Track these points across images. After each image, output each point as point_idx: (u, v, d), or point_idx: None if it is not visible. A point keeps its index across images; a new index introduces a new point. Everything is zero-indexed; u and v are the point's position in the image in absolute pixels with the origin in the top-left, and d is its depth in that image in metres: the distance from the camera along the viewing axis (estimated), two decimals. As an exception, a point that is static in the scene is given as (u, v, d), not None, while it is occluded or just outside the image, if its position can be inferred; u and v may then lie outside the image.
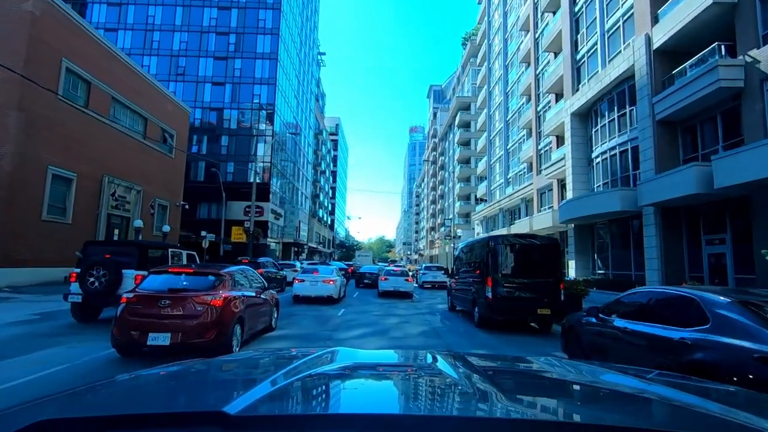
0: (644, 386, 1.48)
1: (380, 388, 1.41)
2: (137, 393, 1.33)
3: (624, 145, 17.99)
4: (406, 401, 1.28)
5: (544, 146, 28.52)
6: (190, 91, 43.61)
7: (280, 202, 48.08)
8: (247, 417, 0.90)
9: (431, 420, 0.98)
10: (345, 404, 1.21)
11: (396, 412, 1.11)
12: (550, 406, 1.31)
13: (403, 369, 1.73)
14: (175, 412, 1.00)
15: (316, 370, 1.48)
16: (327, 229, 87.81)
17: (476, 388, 1.27)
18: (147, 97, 24.31)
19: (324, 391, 1.34)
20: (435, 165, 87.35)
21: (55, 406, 1.11)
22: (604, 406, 1.33)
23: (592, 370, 1.76)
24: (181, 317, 6.78)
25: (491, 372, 1.63)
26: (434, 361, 1.76)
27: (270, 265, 21.64)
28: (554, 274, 10.55)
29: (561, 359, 2.06)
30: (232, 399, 1.02)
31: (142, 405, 1.16)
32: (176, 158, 27.75)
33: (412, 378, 1.56)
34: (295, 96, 54.09)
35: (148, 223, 24.02)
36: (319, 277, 17.52)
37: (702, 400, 1.31)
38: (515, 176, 36.73)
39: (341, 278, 18.89)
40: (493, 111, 44.42)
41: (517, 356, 2.15)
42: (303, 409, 1.16)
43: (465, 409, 1.16)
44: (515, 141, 36.65)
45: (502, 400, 1.18)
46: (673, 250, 14.82)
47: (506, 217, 38.22)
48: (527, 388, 1.54)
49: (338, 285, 17.50)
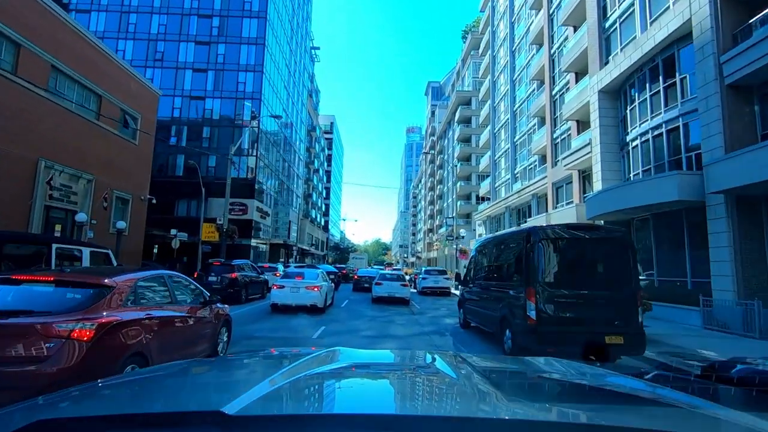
0: (643, 387, 1.54)
1: (379, 388, 1.42)
2: (136, 393, 1.32)
3: (672, 123, 14.66)
4: (405, 401, 1.28)
5: (560, 134, 25.21)
6: (168, 79, 40.09)
7: (267, 199, 44.54)
8: (245, 417, 0.89)
9: (430, 420, 0.98)
10: (344, 404, 1.22)
11: (395, 412, 1.11)
12: (549, 407, 1.29)
13: (402, 369, 1.74)
14: (173, 411, 1.01)
15: (315, 370, 1.50)
16: (320, 230, 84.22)
17: (475, 389, 1.31)
18: (102, 71, 20.80)
19: (323, 391, 1.34)
20: (433, 164, 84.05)
21: (53, 406, 1.11)
22: (604, 406, 1.32)
23: (591, 370, 1.80)
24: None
25: (490, 372, 1.68)
26: (433, 361, 1.79)
27: (248, 268, 18.16)
28: (627, 284, 7.13)
29: (560, 360, 2.03)
30: (230, 399, 0.99)
31: (141, 405, 1.17)
32: (141, 145, 24.20)
33: (410, 378, 1.57)
34: (286, 87, 50.66)
35: (102, 218, 20.45)
36: (302, 282, 15.09)
37: (702, 401, 1.30)
38: (524, 171, 33.42)
39: (328, 284, 16.78)
40: (497, 102, 41.17)
41: (515, 357, 2.32)
42: (302, 409, 1.15)
43: (464, 410, 1.17)
44: (524, 132, 33.37)
45: (501, 400, 1.21)
46: (752, 251, 11.44)
47: (513, 216, 34.88)
48: (526, 388, 1.56)
49: (324, 292, 15.28)
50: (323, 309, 14.97)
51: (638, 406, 1.27)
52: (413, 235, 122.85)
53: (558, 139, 25.52)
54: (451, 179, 67.22)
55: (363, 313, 15.40)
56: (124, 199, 22.98)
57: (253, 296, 17.98)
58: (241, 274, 16.72)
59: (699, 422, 1.10)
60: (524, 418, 1.06)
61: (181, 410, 1.02)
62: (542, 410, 1.22)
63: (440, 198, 76.76)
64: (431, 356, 1.87)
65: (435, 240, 73.30)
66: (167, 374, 1.51)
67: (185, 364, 1.72)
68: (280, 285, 15.19)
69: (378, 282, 19.18)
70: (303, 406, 1.19)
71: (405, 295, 18.58)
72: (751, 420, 1.07)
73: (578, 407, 1.29)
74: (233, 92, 40.17)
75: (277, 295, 14.49)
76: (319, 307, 14.53)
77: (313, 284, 15.12)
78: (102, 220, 20.41)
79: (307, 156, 71.27)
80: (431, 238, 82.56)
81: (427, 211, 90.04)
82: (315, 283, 15.27)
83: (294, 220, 59.13)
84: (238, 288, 16.31)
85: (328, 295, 16.64)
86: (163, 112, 38.80)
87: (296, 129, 58.84)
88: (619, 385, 1.53)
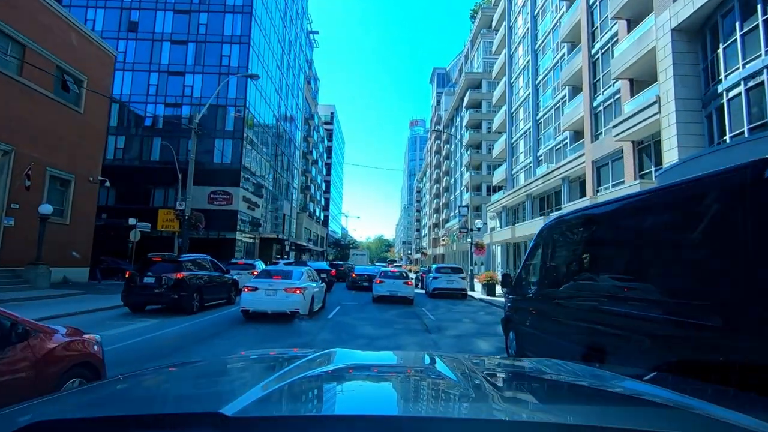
0: (642, 388, 1.53)
1: (378, 390, 1.42)
2: (135, 394, 1.31)
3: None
4: (405, 403, 1.28)
5: (604, 101, 20.51)
6: (144, 51, 35.57)
7: (257, 189, 40.04)
8: (244, 418, 0.89)
9: (430, 421, 0.98)
10: (343, 405, 1.22)
11: (394, 413, 1.11)
12: (548, 408, 1.29)
13: (401, 370, 1.75)
14: (172, 413, 1.01)
15: (314, 371, 1.49)
16: (320, 225, 79.73)
17: (475, 390, 1.29)
18: (26, 14, 16.28)
19: (322, 392, 1.35)
20: (439, 155, 79.35)
21: (53, 406, 1.12)
22: (602, 407, 1.32)
23: (591, 372, 1.80)
24: None
25: (489, 373, 1.66)
26: (432, 362, 1.78)
27: (205, 265, 13.64)
28: None
29: (560, 361, 2.05)
30: (230, 400, 0.99)
31: (140, 406, 1.16)
32: (89, 115, 19.67)
33: (410, 379, 1.57)
34: (278, 66, 46.04)
35: (26, 202, 15.94)
36: (281, 283, 11.87)
37: (701, 402, 1.29)
38: (549, 152, 28.77)
39: (317, 284, 13.79)
40: (515, 78, 36.45)
41: (515, 357, 2.32)
42: (301, 411, 1.15)
43: (464, 411, 1.16)
44: (549, 107, 28.68)
45: (500, 401, 1.21)
46: None
47: (536, 206, 30.24)
48: (525, 389, 1.54)
49: (309, 294, 12.25)
50: (310, 315, 12.16)
51: (638, 407, 1.27)
52: (417, 231, 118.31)
53: (600, 107, 20.81)
54: (458, 170, 62.54)
55: (357, 328, 10.92)
56: (64, 180, 18.48)
57: (214, 302, 13.53)
58: (190, 274, 12.22)
59: (699, 424, 1.10)
60: (524, 419, 1.06)
61: (181, 412, 1.02)
62: (542, 411, 1.23)
63: (446, 190, 72.10)
64: (430, 357, 1.88)
65: (442, 235, 68.63)
66: (166, 375, 1.52)
67: (184, 365, 1.74)
68: (253, 287, 11.57)
69: (379, 280, 17.64)
70: (302, 408, 1.20)
71: (408, 294, 17.10)
72: (751, 421, 1.06)
73: (578, 408, 1.30)
74: (216, 67, 35.61)
75: (248, 300, 11.30)
76: (301, 313, 11.62)
77: (295, 285, 11.70)
78: (26, 204, 15.91)
79: (305, 146, 66.71)
80: (437, 233, 77.96)
81: (432, 205, 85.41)
82: (297, 284, 11.83)
83: (290, 214, 54.64)
84: (186, 292, 11.83)
85: (316, 297, 13.10)
86: (137, 88, 34.37)
87: (291, 114, 54.25)
88: (619, 387, 1.52)
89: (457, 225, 58.54)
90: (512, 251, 35.79)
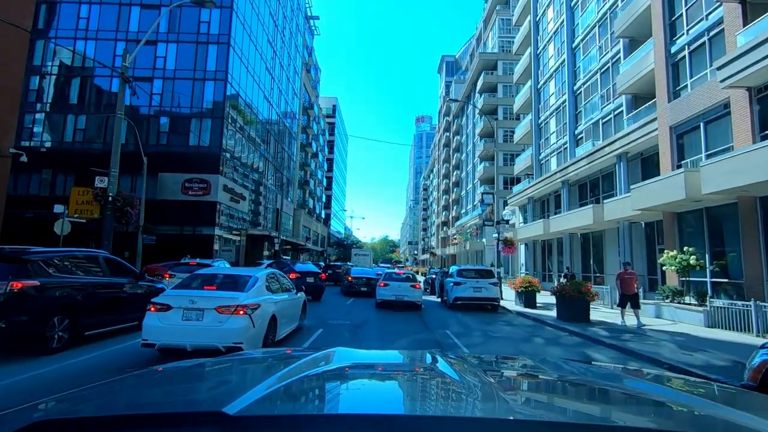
0: (643, 386, 1.51)
1: (380, 389, 1.40)
2: (136, 393, 1.30)
3: None
4: (406, 401, 1.27)
5: (691, 40, 15.00)
6: (109, 18, 30.52)
7: (243, 178, 34.88)
8: (246, 417, 0.88)
9: (431, 420, 0.97)
10: (344, 404, 1.21)
11: (396, 412, 1.10)
12: (551, 406, 1.29)
13: (402, 369, 1.71)
14: (173, 412, 0.99)
15: (316, 370, 1.48)
16: (320, 224, 74.46)
17: (477, 389, 1.29)
18: None
19: (323, 391, 1.34)
20: (448, 147, 73.89)
21: (53, 406, 1.10)
22: (605, 406, 1.32)
23: (593, 370, 1.77)
24: None
25: (491, 372, 1.64)
26: (434, 361, 1.76)
27: (98, 266, 8.38)
28: None
29: (561, 360, 2.02)
30: (231, 399, 0.98)
31: (141, 405, 1.15)
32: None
33: (412, 378, 1.55)
34: (270, 42, 40.87)
35: None
36: (210, 298, 7.04)
37: (703, 401, 1.29)
38: (593, 127, 23.33)
39: (287, 296, 9.01)
40: (542, 47, 31.02)
41: (516, 357, 2.22)
42: (302, 409, 1.14)
43: (465, 410, 1.15)
44: (593, 71, 23.24)
45: (502, 400, 1.19)
46: None
47: (574, 194, 24.78)
48: (527, 388, 1.54)
49: (264, 315, 7.44)
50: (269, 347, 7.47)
51: (639, 406, 1.25)
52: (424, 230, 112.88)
53: (683, 52, 15.33)
54: (470, 162, 57.11)
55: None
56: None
57: (108, 327, 8.25)
58: (47, 282, 6.96)
59: (699, 422, 1.09)
60: (525, 418, 1.05)
61: (182, 410, 1.02)
62: (544, 410, 1.22)
63: (457, 185, 66.63)
64: (432, 356, 1.83)
65: (454, 233, 63.08)
66: (167, 374, 1.49)
67: (184, 364, 1.63)
68: (163, 304, 6.85)
69: (383, 283, 15.83)
70: (304, 406, 1.19)
71: (416, 299, 15.43)
72: (752, 420, 1.05)
73: (579, 407, 1.30)
74: (194, 35, 30.48)
75: (153, 327, 6.57)
76: (247, 348, 6.56)
77: (236, 302, 6.92)
78: None
79: (304, 137, 61.53)
80: (446, 232, 72.52)
81: (440, 202, 79.91)
82: (241, 299, 7.06)
83: (287, 210, 49.44)
84: (29, 316, 6.59)
85: (284, 317, 8.48)
86: (100, 57, 29.29)
87: (287, 98, 49.08)
88: (620, 386, 1.51)
89: (470, 221, 53.09)
90: (540, 250, 30.33)
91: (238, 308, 6.95)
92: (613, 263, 20.87)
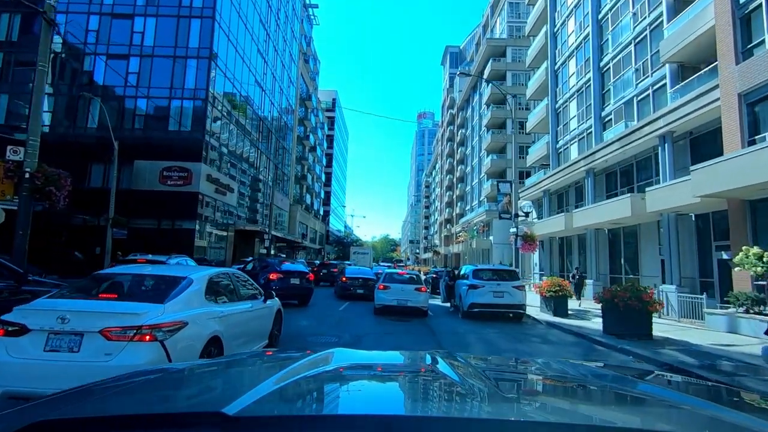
0: (644, 387, 1.51)
1: (379, 389, 1.39)
2: (136, 393, 1.29)
3: None
4: (406, 402, 1.26)
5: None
6: (82, -11, 27.59)
7: (230, 168, 31.96)
8: (246, 418, 0.88)
9: (431, 421, 0.97)
10: (343, 405, 1.21)
11: (395, 413, 1.09)
12: (550, 407, 1.28)
13: (402, 370, 1.70)
14: (173, 412, 1.00)
15: (315, 370, 1.46)
16: (318, 221, 71.52)
17: (477, 389, 1.27)
18: None
19: (323, 391, 1.33)
20: (452, 142, 70.89)
21: (53, 406, 1.10)
22: (605, 407, 1.31)
23: (592, 371, 1.74)
24: None
25: (491, 373, 1.61)
26: (434, 362, 1.73)
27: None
28: None
29: (561, 360, 2.00)
30: (231, 400, 0.97)
31: (141, 405, 1.15)
32: None
33: (412, 379, 1.54)
34: (262, 23, 37.92)
35: None
36: (91, 315, 4.16)
37: (703, 402, 1.28)
38: (625, 106, 20.37)
39: (248, 306, 6.15)
40: (560, 24, 28.03)
41: (517, 358, 2.20)
42: (302, 410, 1.14)
43: (465, 410, 1.14)
44: (626, 42, 20.25)
45: (502, 400, 1.19)
46: None
47: (600, 184, 21.82)
48: (527, 389, 1.53)
49: (186, 343, 4.39)
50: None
51: (639, 407, 1.25)
52: (426, 228, 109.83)
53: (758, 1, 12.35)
54: (476, 155, 54.12)
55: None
56: None
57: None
58: None
59: (699, 423, 1.08)
60: (525, 418, 1.04)
61: (182, 411, 1.01)
62: (544, 411, 1.21)
63: (461, 181, 63.63)
64: (432, 357, 1.80)
65: (459, 231, 60.09)
66: (167, 375, 1.48)
67: (184, 364, 1.65)
68: (14, 324, 4.03)
69: (383, 285, 13.80)
70: (304, 407, 1.18)
71: (422, 305, 13.47)
72: (751, 420, 1.06)
73: (579, 408, 1.29)
74: (174, 8, 27.53)
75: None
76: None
77: (133, 324, 4.14)
78: None
79: (301, 130, 58.57)
80: (449, 229, 69.56)
81: (444, 198, 76.90)
82: (142, 318, 4.21)
83: (283, 206, 46.57)
84: None
85: (230, 341, 5.39)
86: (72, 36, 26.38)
87: (281, 86, 46.13)
88: (620, 386, 1.49)
89: (476, 218, 50.12)
90: (558, 248, 27.39)
91: (139, 331, 4.18)
92: (651, 263, 17.92)
